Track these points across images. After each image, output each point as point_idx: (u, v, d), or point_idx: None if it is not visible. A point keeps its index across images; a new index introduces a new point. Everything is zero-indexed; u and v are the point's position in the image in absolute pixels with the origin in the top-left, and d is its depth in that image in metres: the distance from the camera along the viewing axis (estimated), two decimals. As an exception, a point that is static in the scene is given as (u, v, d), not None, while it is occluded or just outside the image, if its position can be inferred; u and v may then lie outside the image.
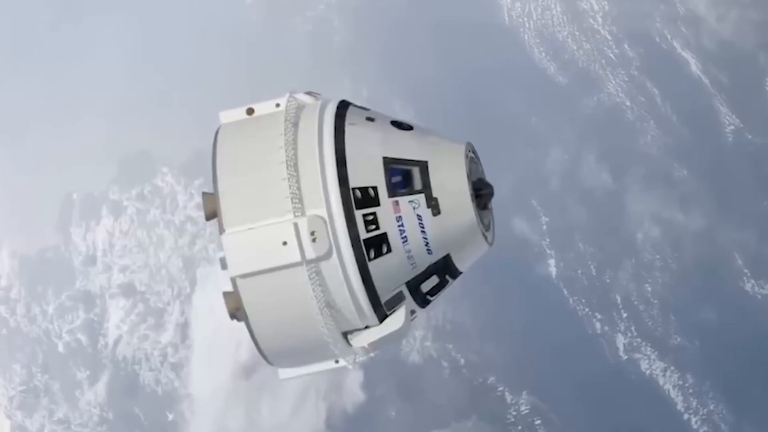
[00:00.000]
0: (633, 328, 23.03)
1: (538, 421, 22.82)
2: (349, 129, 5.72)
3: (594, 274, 23.24)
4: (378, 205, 5.60)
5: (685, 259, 23.27)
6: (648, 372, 22.85)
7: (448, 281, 5.88)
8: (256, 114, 5.90)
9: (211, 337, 23.34)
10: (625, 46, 24.46)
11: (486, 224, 5.83)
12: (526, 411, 22.83)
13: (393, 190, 5.63)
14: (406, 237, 5.63)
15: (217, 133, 5.89)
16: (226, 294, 5.79)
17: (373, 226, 5.59)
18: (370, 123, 5.81)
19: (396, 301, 5.77)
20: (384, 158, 5.66)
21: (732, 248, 23.17)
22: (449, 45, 23.30)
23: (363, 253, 5.57)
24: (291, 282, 5.57)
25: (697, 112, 23.98)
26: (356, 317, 5.72)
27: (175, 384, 23.29)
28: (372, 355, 5.85)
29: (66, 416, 23.41)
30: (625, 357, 22.96)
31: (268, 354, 5.85)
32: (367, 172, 5.62)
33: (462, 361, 22.95)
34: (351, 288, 5.62)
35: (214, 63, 23.66)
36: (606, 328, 23.03)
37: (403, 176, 5.68)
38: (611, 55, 24.39)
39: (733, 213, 23.27)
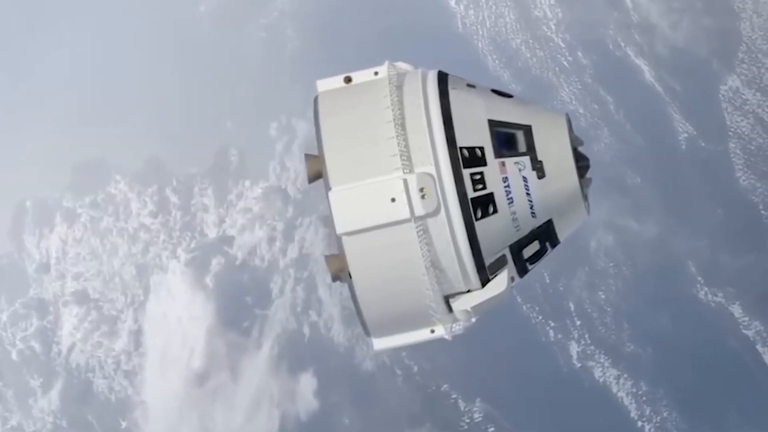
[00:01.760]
0: (586, 336, 23.03)
1: (491, 429, 22.83)
2: (452, 92, 5.65)
3: (547, 281, 23.25)
4: (485, 165, 5.53)
5: (638, 266, 23.28)
6: (601, 380, 22.85)
7: (547, 249, 5.81)
8: (354, 82, 5.80)
9: (164, 344, 23.38)
10: (579, 53, 24.45)
11: (584, 194, 5.80)
12: (480, 418, 22.84)
13: (499, 151, 5.57)
14: (511, 198, 5.55)
15: (316, 99, 5.75)
16: (327, 257, 5.70)
17: (480, 186, 5.51)
18: (472, 89, 5.76)
19: (499, 264, 5.65)
20: (489, 120, 5.60)
21: (685, 256, 23.19)
22: (403, 53, 23.22)
23: (470, 212, 5.49)
24: (398, 240, 5.45)
25: (650, 119, 23.98)
26: (460, 279, 5.57)
27: (128, 391, 23.29)
28: (473, 320, 5.72)
29: (19, 424, 23.40)
30: (579, 365, 22.96)
31: (368, 318, 5.68)
32: (473, 133, 5.56)
33: (415, 368, 22.95)
34: (457, 247, 5.50)
35: (167, 70, 23.67)
36: (559, 335, 23.04)
37: (507, 139, 5.63)
38: (565, 63, 24.39)
39: (687, 221, 23.28)
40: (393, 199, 5.44)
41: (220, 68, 23.67)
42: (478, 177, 5.53)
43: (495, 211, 5.56)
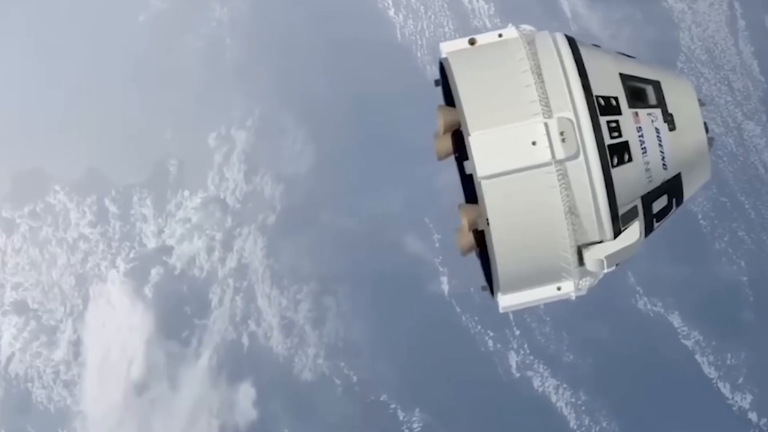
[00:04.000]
0: (525, 346, 23.04)
1: (430, 439, 22.88)
2: (582, 48, 5.86)
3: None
4: (620, 114, 5.70)
5: (577, 276, 23.25)
6: (540, 389, 22.86)
7: (672, 207, 6.00)
8: (478, 44, 5.95)
9: (103, 354, 23.36)
10: (518, 63, 24.43)
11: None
12: (419, 428, 22.84)
13: (632, 102, 5.76)
14: (645, 148, 5.73)
15: (443, 60, 5.93)
16: (462, 205, 6.03)
17: (616, 134, 5.68)
18: (598, 48, 6.00)
19: (631, 216, 5.82)
20: (620, 74, 5.81)
21: (624, 265, 23.16)
22: (342, 62, 23.29)
23: (607, 158, 5.64)
24: (538, 184, 5.58)
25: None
26: (594, 227, 5.72)
27: (67, 401, 23.25)
28: (605, 271, 5.85)
29: (-42, 434, 23.43)
30: (518, 374, 22.96)
31: (502, 269, 5.78)
32: (607, 84, 5.75)
33: (354, 378, 22.94)
34: (594, 193, 5.64)
35: (106, 79, 23.62)
36: (498, 345, 23.04)
37: (638, 92, 5.83)
38: (504, 73, 24.36)
39: (626, 230, 23.27)
40: (534, 143, 5.56)
41: (158, 78, 23.63)
42: (614, 125, 5.70)
43: (630, 159, 5.73)
